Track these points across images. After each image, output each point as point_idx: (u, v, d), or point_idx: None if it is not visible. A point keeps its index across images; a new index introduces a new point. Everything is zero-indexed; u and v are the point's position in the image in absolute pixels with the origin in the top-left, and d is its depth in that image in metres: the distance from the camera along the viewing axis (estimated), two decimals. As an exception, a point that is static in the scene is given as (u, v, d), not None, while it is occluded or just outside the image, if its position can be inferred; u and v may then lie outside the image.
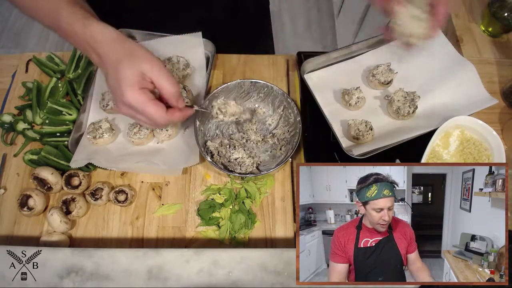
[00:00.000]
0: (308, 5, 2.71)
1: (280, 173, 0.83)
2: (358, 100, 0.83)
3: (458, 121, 0.78)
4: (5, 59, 0.97)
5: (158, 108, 0.65)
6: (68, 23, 0.63)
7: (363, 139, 0.78)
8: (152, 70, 0.63)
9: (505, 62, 0.98)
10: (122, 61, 0.62)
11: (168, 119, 0.67)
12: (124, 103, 0.64)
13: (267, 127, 0.88)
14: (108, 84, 0.66)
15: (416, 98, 0.81)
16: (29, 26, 2.54)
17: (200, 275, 0.66)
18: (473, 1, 1.09)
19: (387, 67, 0.85)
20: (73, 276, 0.65)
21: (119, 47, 0.63)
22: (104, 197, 0.78)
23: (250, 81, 0.85)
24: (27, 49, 2.41)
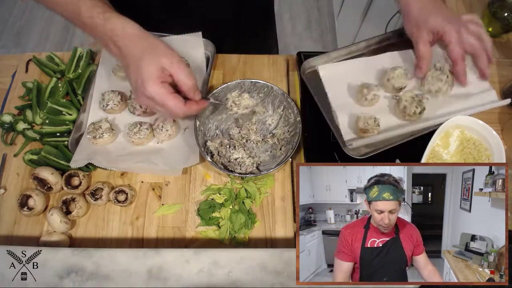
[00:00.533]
0: (308, 5, 2.71)
1: (280, 173, 0.83)
2: (373, 97, 0.82)
3: (458, 121, 0.78)
4: (5, 59, 0.97)
5: (177, 100, 0.69)
6: (88, 17, 0.67)
7: (369, 133, 0.78)
8: (171, 65, 0.68)
9: (505, 62, 0.98)
10: (144, 56, 0.67)
11: (186, 111, 0.71)
12: (146, 95, 0.68)
13: (267, 127, 0.88)
14: (129, 76, 0.70)
15: (424, 100, 0.81)
16: (29, 26, 2.54)
17: (200, 275, 0.66)
18: (473, 1, 1.09)
19: (403, 71, 0.84)
20: (73, 276, 0.65)
21: (141, 42, 0.68)
22: (104, 197, 0.78)
23: (250, 81, 0.85)
24: (27, 49, 2.41)
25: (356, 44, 0.93)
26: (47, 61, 0.93)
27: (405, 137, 0.79)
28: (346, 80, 0.88)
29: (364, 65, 0.90)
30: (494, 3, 0.99)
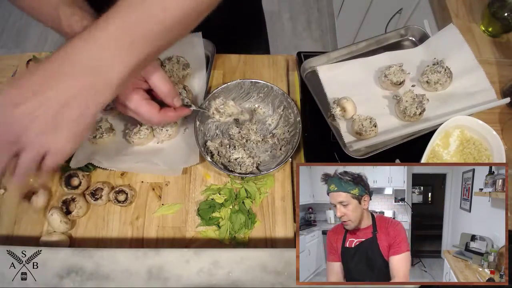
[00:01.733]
0: (308, 5, 2.71)
1: (280, 173, 0.83)
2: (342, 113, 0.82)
3: (458, 121, 0.78)
4: (5, 59, 0.97)
5: (150, 107, 0.66)
6: (67, 26, 0.63)
7: (365, 134, 0.78)
8: (146, 69, 0.64)
9: (505, 62, 0.98)
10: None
11: (160, 119, 0.68)
12: (118, 102, 0.66)
13: (267, 127, 0.88)
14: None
15: (425, 101, 0.81)
16: (29, 26, 2.54)
17: (200, 275, 0.66)
18: (473, 1, 1.09)
19: (399, 68, 0.85)
20: (73, 276, 0.65)
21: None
22: (104, 197, 0.78)
23: (250, 81, 0.85)
24: (27, 49, 2.41)
25: (356, 44, 0.93)
26: (47, 61, 0.93)
27: (405, 138, 0.79)
28: (345, 80, 0.88)
29: (364, 65, 0.91)
30: (494, 3, 0.99)
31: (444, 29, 0.90)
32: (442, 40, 0.89)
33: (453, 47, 0.88)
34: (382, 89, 0.88)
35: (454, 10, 1.07)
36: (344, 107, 0.80)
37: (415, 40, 0.96)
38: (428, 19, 1.20)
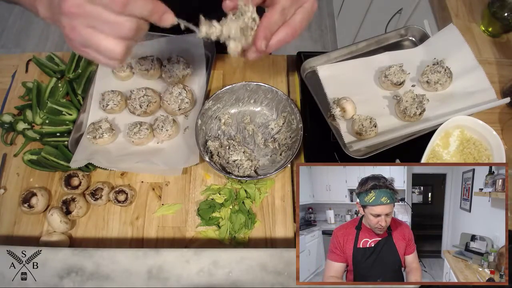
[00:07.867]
0: (308, 5, 2.70)
1: (280, 173, 0.83)
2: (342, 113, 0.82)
3: (458, 121, 0.78)
4: (5, 59, 0.97)
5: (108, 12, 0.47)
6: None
7: (365, 135, 0.78)
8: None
9: (505, 62, 0.98)
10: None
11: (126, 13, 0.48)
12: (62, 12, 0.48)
13: (269, 131, 0.88)
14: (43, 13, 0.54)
15: (425, 101, 0.81)
16: (29, 26, 2.54)
17: (200, 275, 0.66)
18: (473, 1, 1.09)
19: (399, 68, 0.85)
20: (73, 276, 0.65)
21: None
22: (104, 197, 0.78)
23: (255, 83, 0.85)
24: (27, 49, 2.41)
25: (356, 44, 0.93)
26: (47, 61, 0.93)
27: (405, 138, 0.79)
28: (345, 80, 0.88)
29: (364, 65, 0.91)
30: (494, 3, 0.99)
31: (444, 29, 0.90)
32: (442, 40, 0.89)
33: (453, 47, 0.88)
34: (382, 89, 0.88)
35: (454, 10, 1.07)
36: (344, 107, 0.80)
37: (415, 40, 0.96)
38: (428, 19, 1.20)
